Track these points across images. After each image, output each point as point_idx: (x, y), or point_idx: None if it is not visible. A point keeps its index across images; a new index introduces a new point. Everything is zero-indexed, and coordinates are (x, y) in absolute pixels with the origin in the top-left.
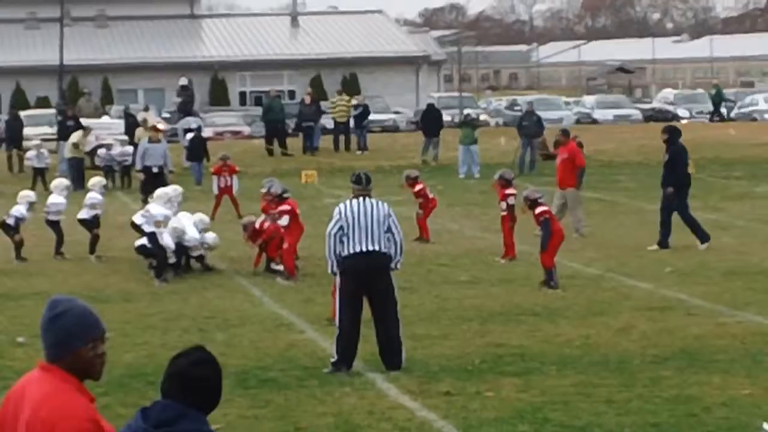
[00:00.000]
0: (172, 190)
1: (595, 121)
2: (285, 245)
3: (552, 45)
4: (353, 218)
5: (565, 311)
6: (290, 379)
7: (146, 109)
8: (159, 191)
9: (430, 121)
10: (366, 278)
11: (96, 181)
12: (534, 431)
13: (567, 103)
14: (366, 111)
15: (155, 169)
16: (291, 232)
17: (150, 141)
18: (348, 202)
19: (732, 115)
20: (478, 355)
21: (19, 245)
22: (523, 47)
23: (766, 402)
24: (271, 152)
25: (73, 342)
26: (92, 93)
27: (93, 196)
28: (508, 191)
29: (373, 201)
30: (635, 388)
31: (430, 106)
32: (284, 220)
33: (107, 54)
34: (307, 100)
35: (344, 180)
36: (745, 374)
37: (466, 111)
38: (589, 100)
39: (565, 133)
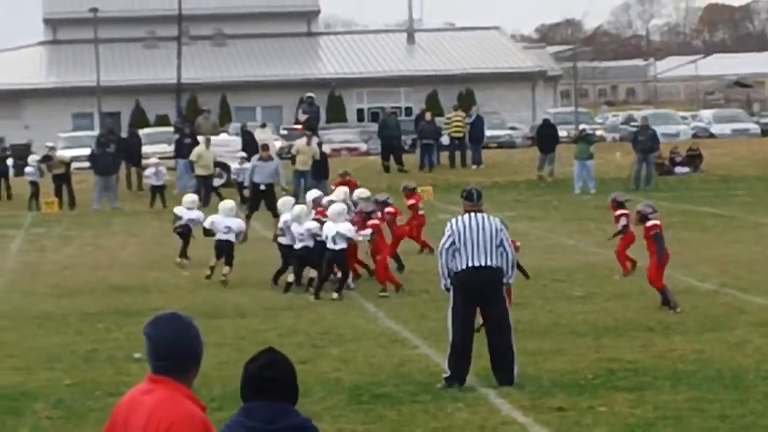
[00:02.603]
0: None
1: (712, 136)
2: (379, 256)
3: (669, 59)
4: (465, 233)
5: (679, 326)
6: (403, 394)
7: (263, 126)
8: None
9: (545, 137)
10: (478, 293)
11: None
12: None
13: (684, 118)
14: (480, 120)
15: (263, 187)
16: (379, 245)
17: (260, 159)
18: (459, 217)
19: None
20: (591, 370)
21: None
22: (640, 62)
23: None
24: (387, 168)
25: (200, 356)
26: (211, 111)
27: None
28: (620, 212)
29: (485, 216)
30: (749, 404)
31: (546, 122)
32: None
33: (225, 72)
34: (428, 117)
35: (459, 196)
36: None
37: (581, 126)
38: (706, 114)
39: None
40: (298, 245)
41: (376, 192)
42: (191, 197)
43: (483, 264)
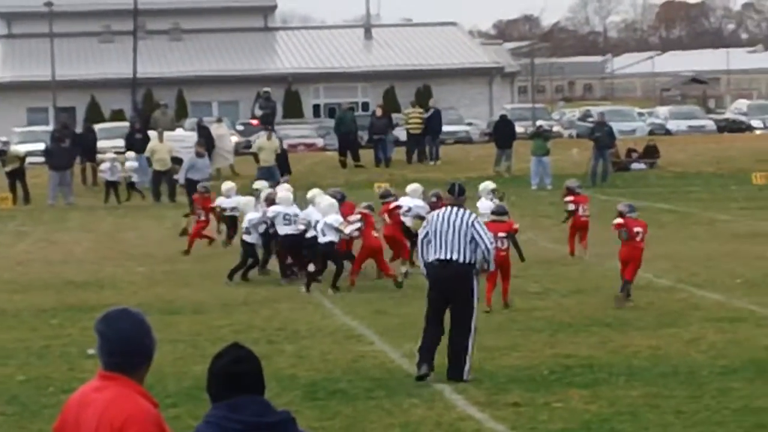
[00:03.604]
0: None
1: (668, 132)
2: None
3: (626, 56)
4: (438, 226)
5: (636, 322)
6: (359, 390)
7: (219, 121)
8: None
9: (502, 133)
10: (444, 286)
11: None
12: None
13: (640, 114)
14: (437, 115)
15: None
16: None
17: (197, 155)
18: (439, 211)
19: None
20: (547, 366)
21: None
22: (597, 58)
23: None
24: (344, 164)
25: (152, 353)
26: (168, 105)
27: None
28: (566, 198)
29: (461, 211)
30: (704, 400)
31: (503, 118)
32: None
33: (181, 67)
34: (379, 112)
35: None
36: None
37: (538, 122)
38: (662, 110)
39: None
40: (323, 239)
41: (333, 188)
42: (228, 185)
43: (449, 258)
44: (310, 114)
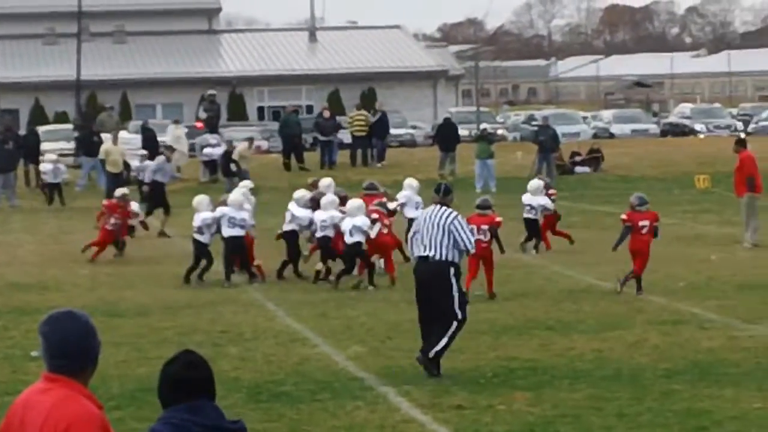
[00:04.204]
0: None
1: (612, 136)
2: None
3: (570, 60)
4: (422, 224)
5: (579, 325)
6: (303, 393)
7: (176, 122)
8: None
9: (446, 136)
10: (424, 282)
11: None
12: None
13: (584, 118)
14: (385, 117)
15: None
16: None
17: (167, 159)
18: (426, 209)
19: (749, 129)
20: (491, 369)
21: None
22: (541, 62)
23: None
24: (288, 166)
25: (97, 355)
26: (114, 108)
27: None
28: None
29: (442, 210)
30: (646, 402)
31: (447, 121)
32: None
33: (126, 69)
34: (326, 114)
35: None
36: (756, 388)
37: (483, 125)
38: (606, 114)
39: (738, 142)
40: (350, 239)
41: (277, 190)
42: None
43: (428, 255)
44: (254, 117)
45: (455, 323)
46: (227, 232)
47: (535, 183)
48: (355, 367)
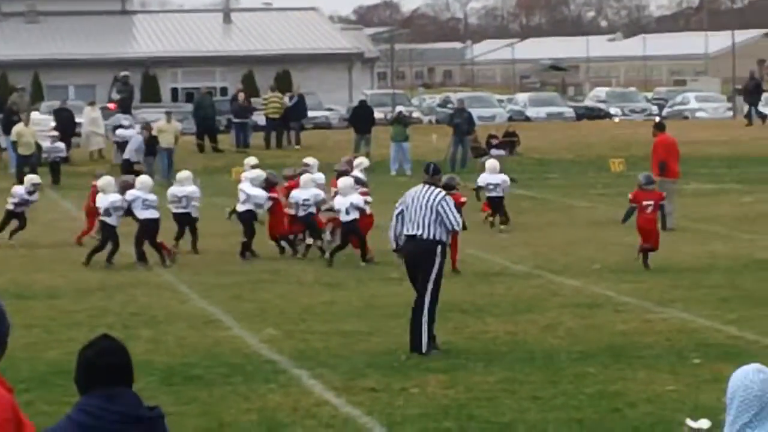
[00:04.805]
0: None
1: (527, 119)
2: None
3: (486, 43)
4: (410, 203)
5: (493, 308)
6: (215, 376)
7: (92, 104)
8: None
9: (361, 118)
10: (410, 260)
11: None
12: (459, 428)
13: (500, 101)
14: (302, 101)
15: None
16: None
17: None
18: (413, 188)
19: (664, 113)
20: (405, 352)
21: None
22: (457, 45)
23: (689, 398)
24: (201, 148)
25: (6, 337)
26: (25, 88)
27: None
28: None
29: (431, 189)
30: (560, 384)
31: (362, 103)
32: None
33: (37, 50)
34: (241, 96)
35: None
36: (669, 370)
37: (398, 108)
38: (522, 97)
39: (656, 125)
40: (345, 218)
41: (191, 173)
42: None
43: (415, 234)
44: (168, 98)
45: (426, 307)
46: (142, 214)
47: (492, 162)
48: (269, 350)
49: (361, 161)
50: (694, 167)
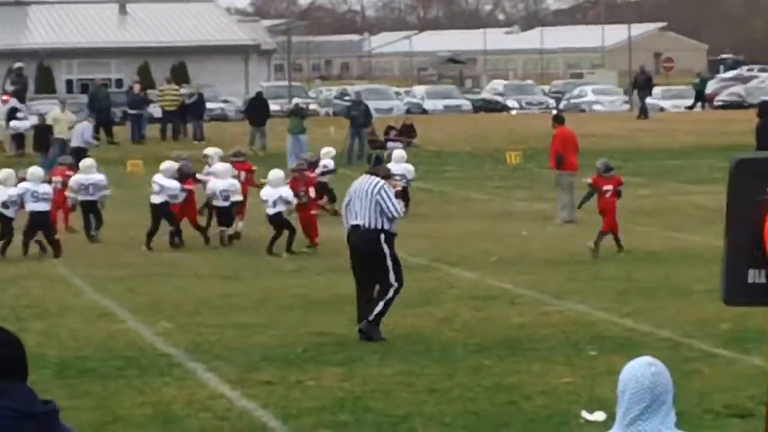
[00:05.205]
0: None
1: (425, 111)
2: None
3: (384, 35)
4: (353, 194)
5: None
6: (109, 369)
7: None
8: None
9: (256, 111)
10: (355, 250)
11: None
12: (354, 420)
13: (397, 93)
14: (202, 96)
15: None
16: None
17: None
18: (357, 179)
19: (561, 106)
20: (301, 344)
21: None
22: (354, 37)
23: (585, 390)
24: (96, 140)
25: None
26: None
27: None
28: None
29: (371, 179)
30: (457, 377)
31: (258, 95)
32: None
33: None
34: (136, 88)
35: None
36: (565, 363)
37: (295, 100)
38: (419, 90)
39: (555, 118)
40: (271, 210)
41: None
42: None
43: (357, 224)
44: (62, 89)
45: (392, 290)
46: (31, 206)
47: (398, 152)
48: (164, 343)
49: (329, 150)
50: (591, 160)
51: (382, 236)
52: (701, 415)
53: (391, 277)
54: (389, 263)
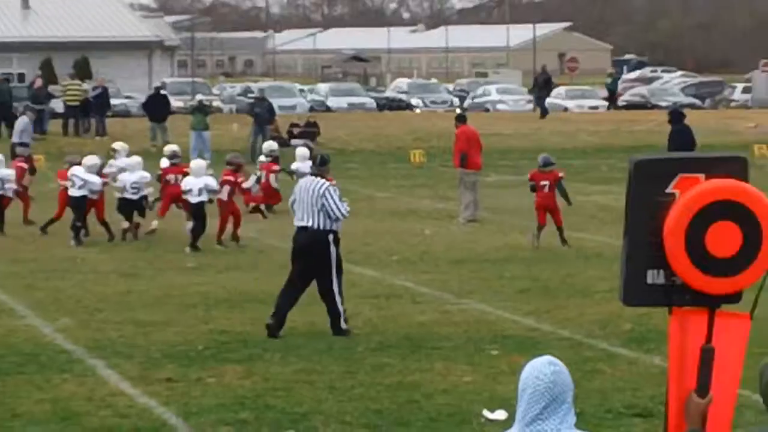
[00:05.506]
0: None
1: (328, 109)
2: None
3: (288, 32)
4: (299, 195)
5: None
6: (9, 365)
7: None
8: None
9: (156, 107)
10: (299, 251)
11: None
12: (255, 418)
13: (301, 91)
14: (105, 92)
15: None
16: None
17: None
18: (303, 179)
19: (465, 105)
20: (202, 342)
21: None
22: (258, 34)
23: (486, 389)
24: None
25: None
26: None
27: None
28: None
29: (316, 181)
30: (358, 375)
31: (156, 91)
32: None
33: None
34: (38, 83)
35: None
36: (466, 361)
37: (198, 97)
38: (323, 87)
39: (458, 117)
40: (195, 199)
41: None
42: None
43: (302, 225)
44: None
45: (336, 296)
46: None
47: (301, 150)
48: (64, 340)
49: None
50: (495, 159)
51: (330, 236)
52: (603, 414)
53: (333, 277)
54: (332, 266)
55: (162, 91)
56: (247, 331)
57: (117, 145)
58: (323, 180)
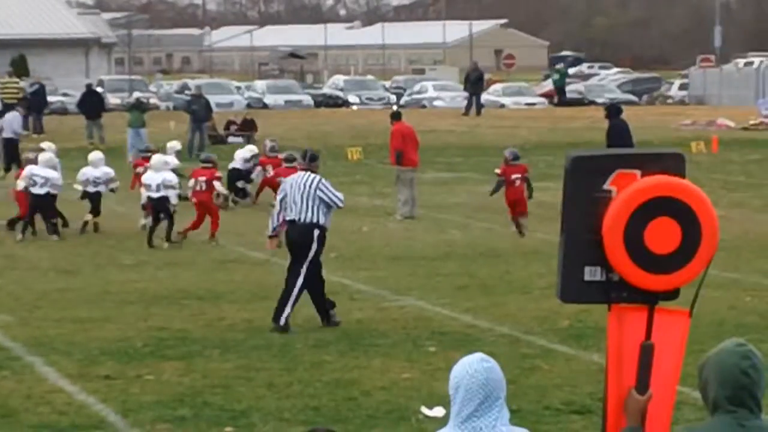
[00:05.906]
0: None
1: (265, 106)
2: None
3: (225, 29)
4: (290, 190)
5: (230, 295)
6: None
7: None
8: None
9: (90, 104)
10: (293, 244)
11: None
12: (193, 414)
13: (238, 88)
14: (42, 89)
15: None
16: None
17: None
18: (293, 176)
19: (402, 102)
20: (141, 339)
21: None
22: (195, 31)
23: (424, 385)
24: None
25: None
26: None
27: None
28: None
29: (308, 175)
30: (297, 372)
31: (89, 88)
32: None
33: None
34: None
35: None
36: (405, 358)
37: (135, 94)
38: (260, 84)
39: (393, 115)
40: (155, 195)
41: None
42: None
43: (297, 219)
44: None
45: (296, 289)
46: None
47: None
48: (2, 337)
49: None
50: (432, 156)
51: (316, 231)
52: (541, 411)
53: (303, 270)
54: (310, 257)
55: (96, 89)
56: (185, 328)
57: (45, 144)
58: (314, 174)
